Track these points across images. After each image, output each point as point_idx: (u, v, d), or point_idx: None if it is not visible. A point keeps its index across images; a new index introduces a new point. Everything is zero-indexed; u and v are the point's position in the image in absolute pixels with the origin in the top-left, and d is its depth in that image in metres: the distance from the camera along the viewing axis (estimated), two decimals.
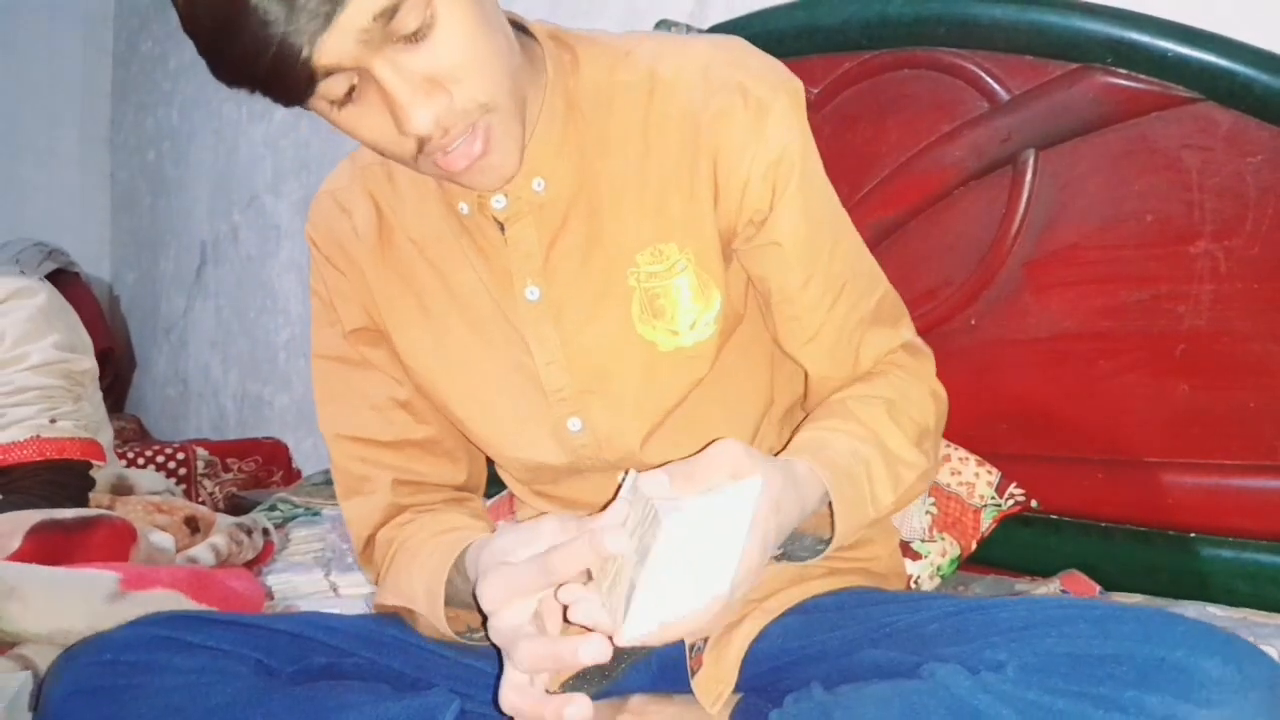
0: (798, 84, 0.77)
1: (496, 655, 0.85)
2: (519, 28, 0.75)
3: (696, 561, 0.58)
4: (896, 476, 0.75)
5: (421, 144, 0.65)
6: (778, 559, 0.73)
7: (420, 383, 0.85)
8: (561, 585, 0.62)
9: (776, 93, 0.75)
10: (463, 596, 0.74)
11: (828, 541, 0.71)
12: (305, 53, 0.59)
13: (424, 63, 0.62)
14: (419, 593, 0.77)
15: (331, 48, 0.59)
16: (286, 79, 0.61)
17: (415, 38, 0.61)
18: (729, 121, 0.74)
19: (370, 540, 0.87)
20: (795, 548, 0.74)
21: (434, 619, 0.76)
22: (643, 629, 0.58)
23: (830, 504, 0.69)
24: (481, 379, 0.82)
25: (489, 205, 0.76)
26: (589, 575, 0.62)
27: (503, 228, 0.77)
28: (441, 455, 0.88)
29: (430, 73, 0.63)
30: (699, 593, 0.59)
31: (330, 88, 0.62)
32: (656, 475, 0.62)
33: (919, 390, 0.81)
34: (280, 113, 2.73)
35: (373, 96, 0.63)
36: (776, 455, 0.72)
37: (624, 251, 0.77)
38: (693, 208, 0.76)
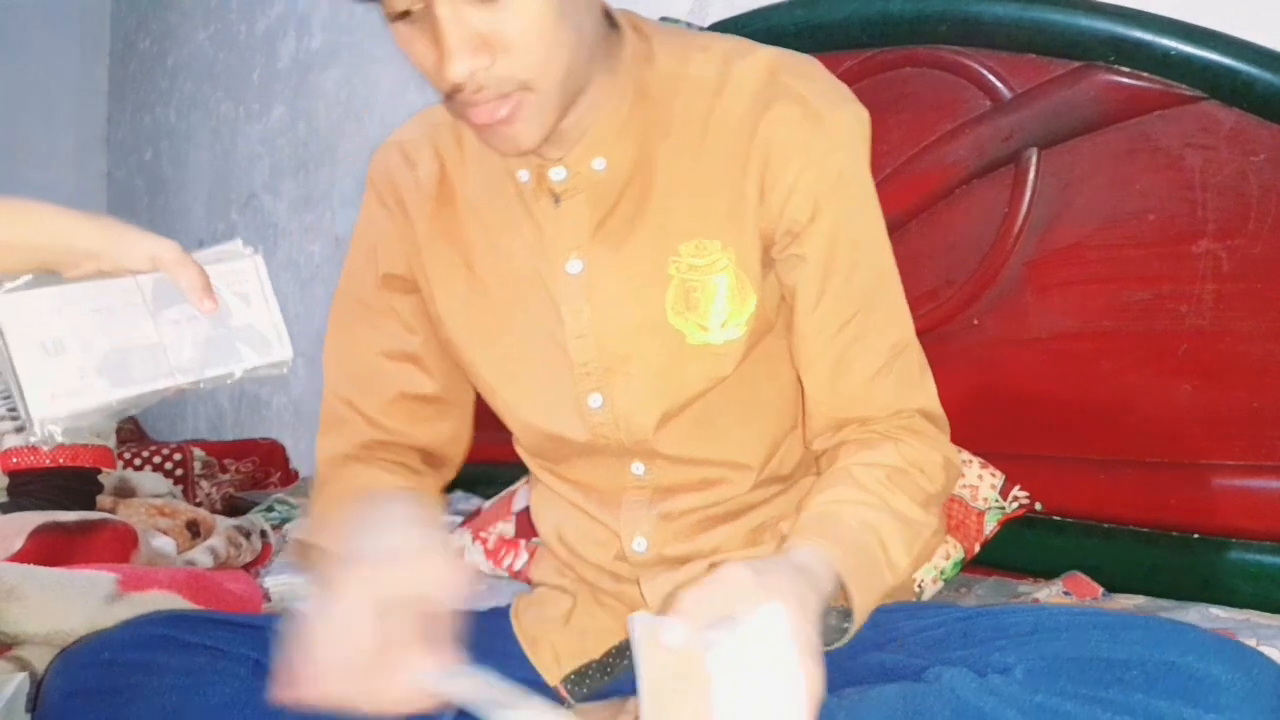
0: (864, 112, 0.78)
1: (491, 650, 0.85)
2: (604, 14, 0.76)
3: (764, 698, 0.56)
4: (912, 537, 0.74)
5: (453, 89, 0.67)
6: None
7: (452, 340, 0.86)
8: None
9: (837, 111, 0.76)
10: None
11: (844, 613, 0.69)
12: None
13: (484, 22, 0.64)
14: (330, 534, 0.77)
15: None
16: None
17: (486, 1, 0.64)
18: (784, 128, 0.75)
19: (324, 480, 0.88)
20: (822, 629, 0.71)
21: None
22: None
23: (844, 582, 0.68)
24: (513, 343, 0.83)
25: (547, 177, 0.78)
26: None
27: (557, 200, 0.79)
28: (431, 415, 0.89)
29: (485, 34, 0.65)
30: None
31: (393, 3, 0.65)
32: (671, 623, 0.58)
33: (931, 458, 0.78)
34: (277, 111, 2.73)
35: (428, 27, 0.65)
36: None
37: (669, 239, 0.78)
38: (739, 208, 0.77)
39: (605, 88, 0.76)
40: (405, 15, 0.66)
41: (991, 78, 1.24)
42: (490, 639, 0.86)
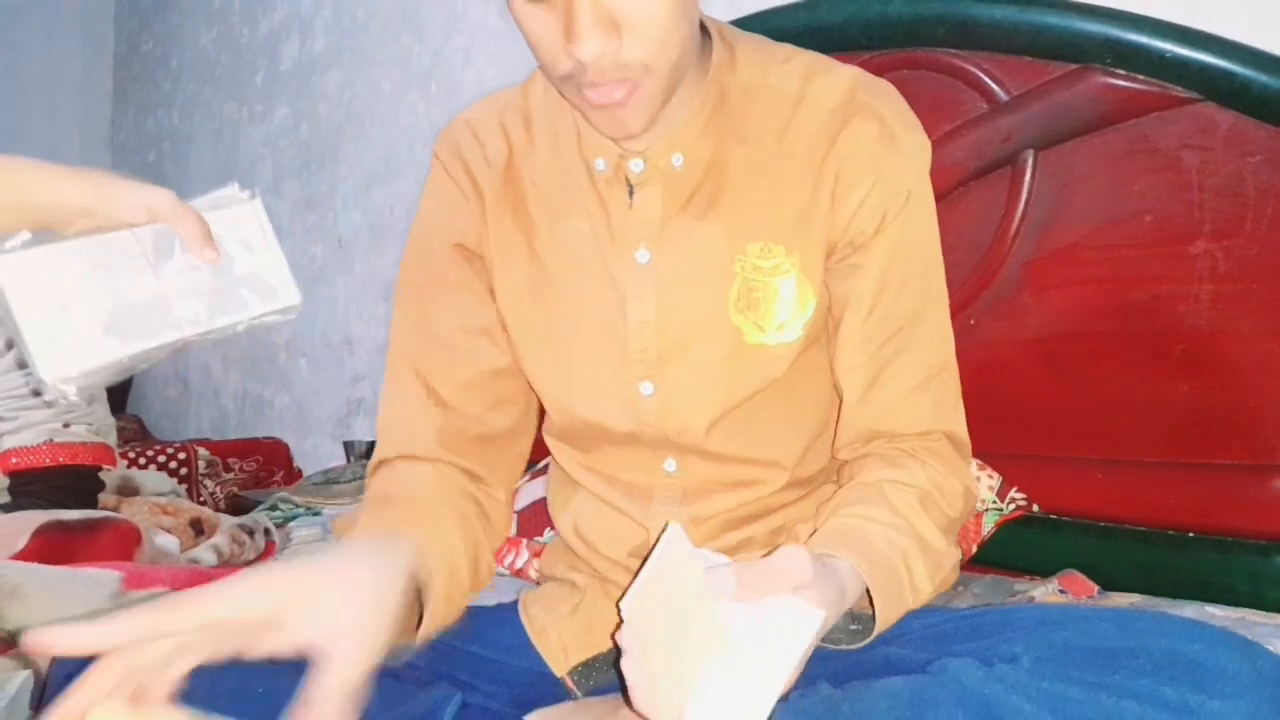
0: (928, 140, 0.82)
1: (497, 641, 0.86)
2: None
3: (750, 678, 0.59)
4: (936, 564, 0.75)
5: (575, 69, 0.69)
6: None
7: (506, 318, 0.87)
8: None
9: (911, 134, 0.80)
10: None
11: (860, 620, 0.71)
12: None
13: (615, 4, 0.67)
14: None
15: None
16: None
17: None
18: (861, 143, 0.78)
19: (387, 462, 0.86)
20: (831, 630, 0.73)
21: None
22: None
23: (869, 595, 0.69)
24: (565, 327, 0.84)
25: (625, 167, 0.80)
26: None
27: (631, 191, 0.81)
28: (505, 392, 0.88)
29: (618, 14, 0.67)
30: (751, 711, 0.58)
31: None
32: (724, 572, 0.61)
33: (953, 485, 0.80)
34: (280, 113, 2.73)
35: (560, 5, 0.67)
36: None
37: (737, 238, 0.80)
38: (808, 216, 0.79)
39: (692, 87, 0.79)
40: None
41: (989, 80, 1.24)
42: (497, 632, 0.86)
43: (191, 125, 3.18)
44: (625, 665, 0.59)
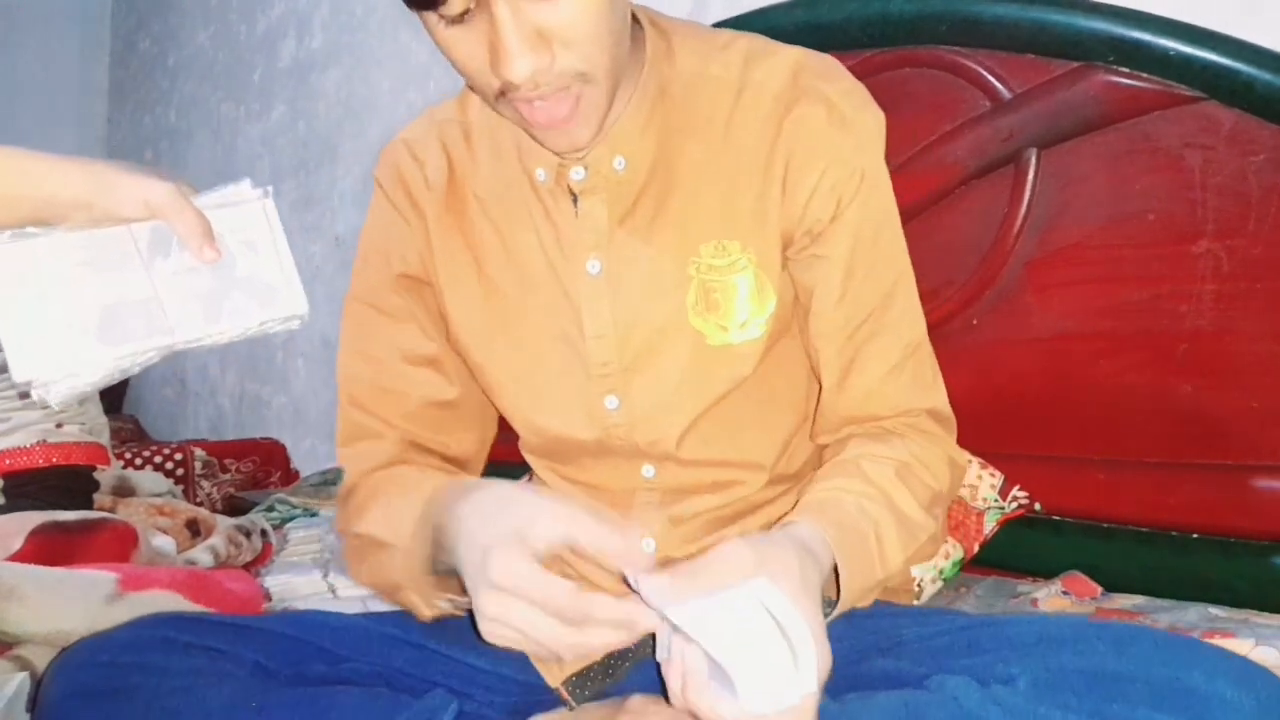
0: (881, 113, 0.78)
1: (492, 651, 0.86)
2: None
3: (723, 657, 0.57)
4: (910, 535, 0.74)
5: (506, 89, 0.67)
6: None
7: (462, 340, 0.85)
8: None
9: (860, 113, 0.77)
10: (443, 539, 0.72)
11: (834, 602, 0.71)
12: None
13: (543, 16, 0.64)
14: (404, 530, 0.76)
15: None
16: None
17: None
18: (809, 128, 0.75)
19: (355, 487, 0.87)
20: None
21: (414, 557, 0.75)
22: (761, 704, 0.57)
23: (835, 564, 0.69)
24: (524, 344, 0.82)
25: (567, 176, 0.78)
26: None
27: (575, 199, 0.79)
28: (455, 422, 0.88)
29: (544, 28, 0.64)
30: (791, 690, 0.57)
31: (451, 6, 0.64)
32: (659, 581, 0.61)
33: (936, 456, 0.79)
34: (277, 112, 2.73)
35: (482, 26, 0.64)
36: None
37: (689, 240, 0.78)
38: (761, 209, 0.77)
39: (627, 85, 0.76)
40: (461, 18, 0.64)
41: (991, 78, 1.24)
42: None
43: (189, 124, 3.18)
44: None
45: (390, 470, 0.85)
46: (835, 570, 0.69)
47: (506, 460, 0.99)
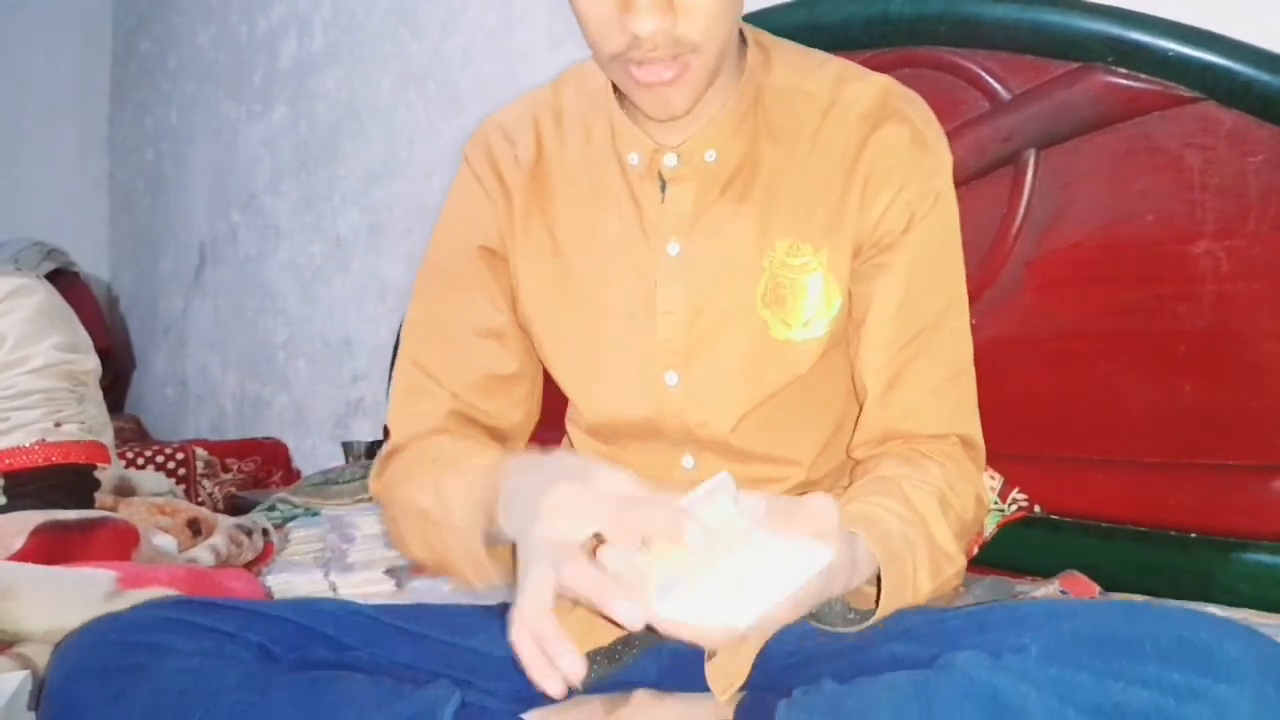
0: (951, 155, 0.84)
1: (496, 639, 0.85)
2: None
3: (740, 589, 0.59)
4: (938, 569, 0.75)
5: (628, 46, 0.71)
6: (808, 618, 0.72)
7: (528, 312, 0.88)
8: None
9: (940, 142, 0.83)
10: (501, 516, 0.72)
11: (858, 612, 0.72)
12: None
13: None
14: (455, 506, 0.76)
15: None
16: None
17: None
18: (892, 146, 0.80)
19: (401, 448, 0.87)
20: (826, 611, 0.74)
21: (468, 534, 0.75)
22: (668, 615, 0.59)
23: (878, 582, 0.70)
24: (591, 319, 0.85)
25: (660, 161, 0.82)
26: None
27: (664, 185, 0.83)
28: (509, 395, 0.90)
29: None
30: (723, 614, 0.59)
31: None
32: (756, 500, 0.62)
33: (968, 490, 0.81)
34: (279, 112, 2.73)
35: None
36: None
37: (766, 233, 0.82)
38: (837, 218, 0.81)
39: (727, 87, 0.81)
40: None
41: (990, 79, 1.24)
42: (496, 629, 0.86)
43: (190, 124, 3.18)
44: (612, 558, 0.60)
45: (437, 440, 0.86)
46: (874, 584, 0.70)
47: None
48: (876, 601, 0.70)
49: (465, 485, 0.76)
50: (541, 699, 0.82)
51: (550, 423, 0.98)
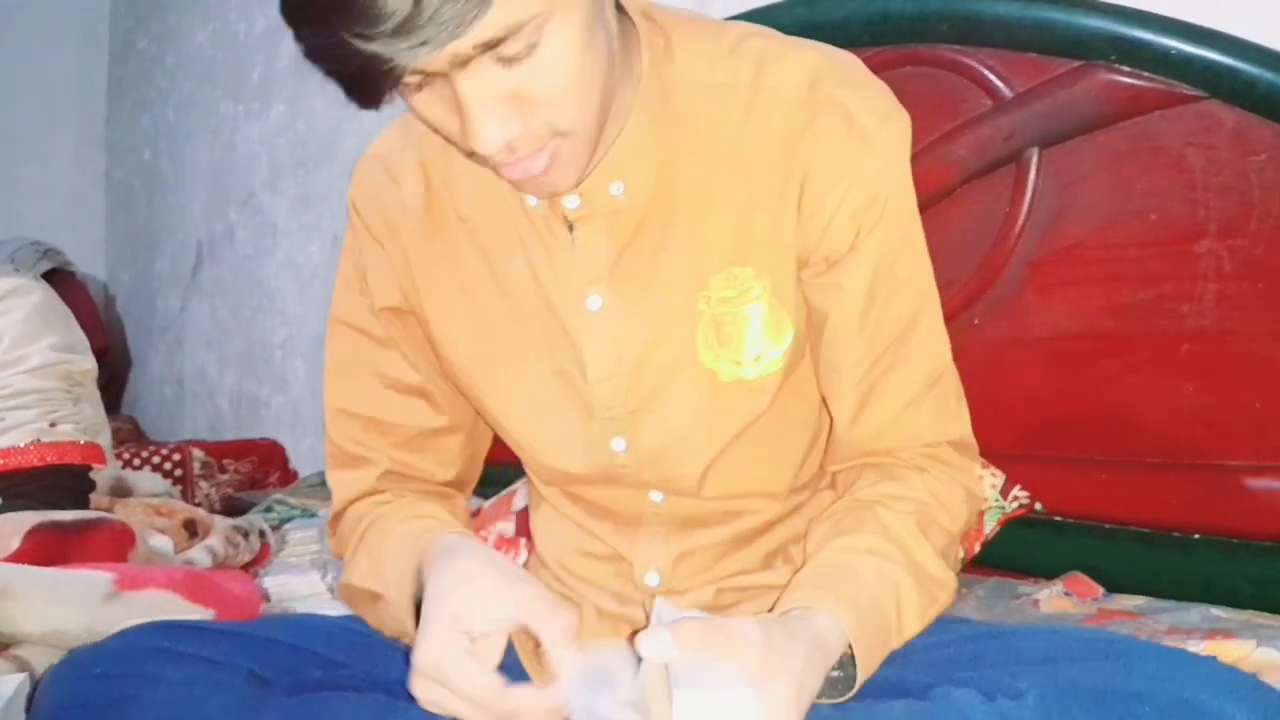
0: (906, 117, 0.72)
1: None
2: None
3: None
4: (930, 597, 0.70)
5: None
6: None
7: (455, 371, 0.80)
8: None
9: (883, 124, 0.70)
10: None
11: (845, 675, 0.66)
12: (394, 64, 0.54)
13: (512, 82, 0.57)
14: (390, 579, 0.74)
15: (424, 64, 0.55)
16: (367, 84, 0.57)
17: (511, 61, 0.56)
18: (827, 147, 0.69)
19: (342, 513, 0.85)
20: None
21: (400, 609, 0.74)
22: None
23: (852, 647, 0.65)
24: (520, 380, 0.78)
25: (559, 204, 0.71)
26: None
27: (571, 228, 0.72)
28: (444, 449, 0.85)
29: (515, 92, 0.58)
30: None
31: (406, 81, 0.58)
32: (677, 652, 0.57)
33: (955, 493, 0.75)
34: (276, 111, 2.72)
35: (449, 94, 0.58)
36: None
37: (697, 271, 0.72)
38: (775, 233, 0.71)
39: (623, 97, 0.68)
40: (421, 85, 0.59)
41: (992, 77, 1.23)
42: None
43: (188, 123, 3.17)
44: None
45: (374, 502, 0.83)
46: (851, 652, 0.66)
47: (505, 461, 0.98)
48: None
49: (395, 558, 0.74)
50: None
51: None
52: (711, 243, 0.72)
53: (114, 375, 3.30)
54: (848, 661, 0.65)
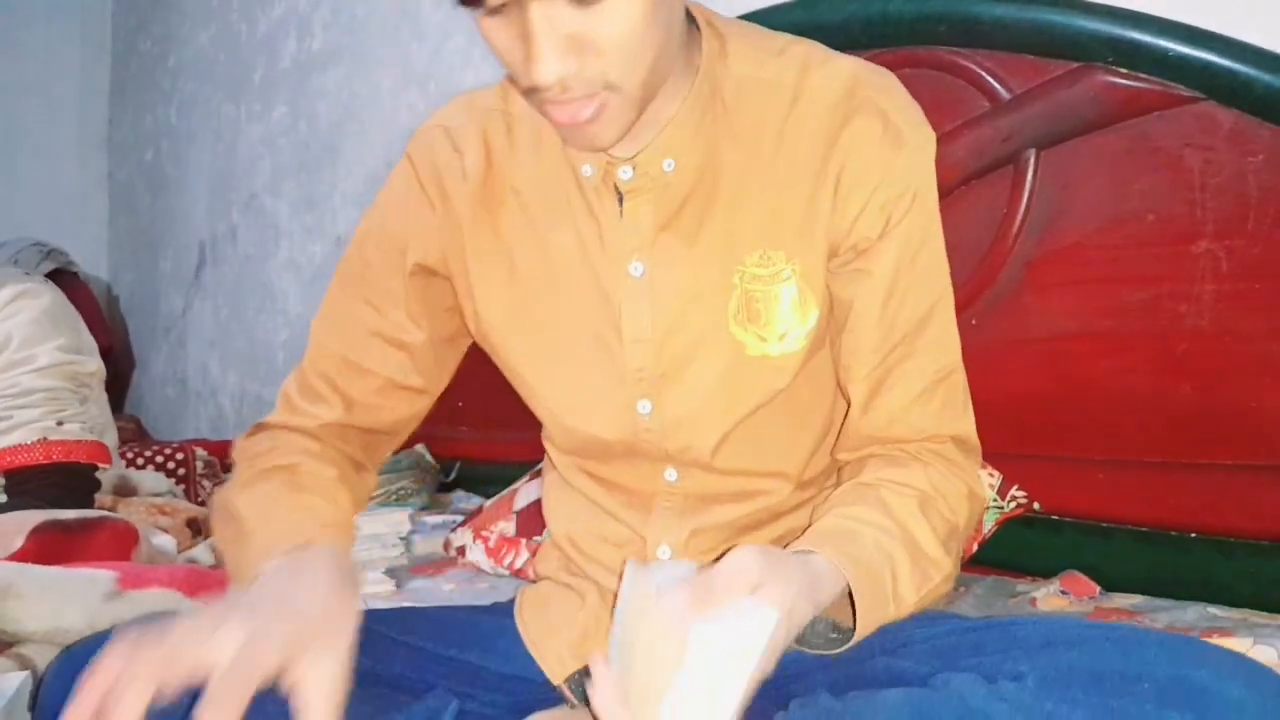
0: (933, 134, 0.78)
1: (493, 649, 0.85)
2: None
3: (710, 687, 0.58)
4: (924, 575, 0.72)
5: (536, 88, 0.66)
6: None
7: (491, 338, 0.84)
8: None
9: (916, 130, 0.76)
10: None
11: (842, 630, 0.70)
12: None
13: (577, 24, 0.62)
14: (261, 533, 0.74)
15: None
16: None
17: (583, 3, 0.62)
18: (864, 143, 0.74)
19: (271, 430, 0.86)
20: (809, 633, 0.72)
21: (248, 565, 0.72)
22: None
23: (851, 597, 0.68)
24: (556, 343, 0.81)
25: (614, 174, 0.76)
26: None
27: (621, 199, 0.77)
28: (406, 402, 0.88)
29: (578, 35, 0.63)
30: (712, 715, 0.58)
31: (490, 1, 0.62)
32: (676, 592, 0.60)
33: (956, 488, 0.78)
34: (279, 112, 2.73)
35: (518, 23, 0.63)
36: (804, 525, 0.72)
37: (734, 248, 0.77)
38: (809, 220, 0.76)
39: (680, 86, 0.75)
40: (497, 10, 0.63)
41: (990, 79, 1.24)
42: (493, 639, 0.86)
43: (190, 124, 3.17)
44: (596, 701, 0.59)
45: (302, 448, 0.83)
46: (849, 599, 0.68)
47: (505, 461, 0.99)
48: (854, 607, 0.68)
49: (282, 524, 0.74)
50: (539, 706, 0.81)
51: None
52: (748, 224, 0.77)
53: (117, 375, 3.30)
54: (846, 628, 0.67)
